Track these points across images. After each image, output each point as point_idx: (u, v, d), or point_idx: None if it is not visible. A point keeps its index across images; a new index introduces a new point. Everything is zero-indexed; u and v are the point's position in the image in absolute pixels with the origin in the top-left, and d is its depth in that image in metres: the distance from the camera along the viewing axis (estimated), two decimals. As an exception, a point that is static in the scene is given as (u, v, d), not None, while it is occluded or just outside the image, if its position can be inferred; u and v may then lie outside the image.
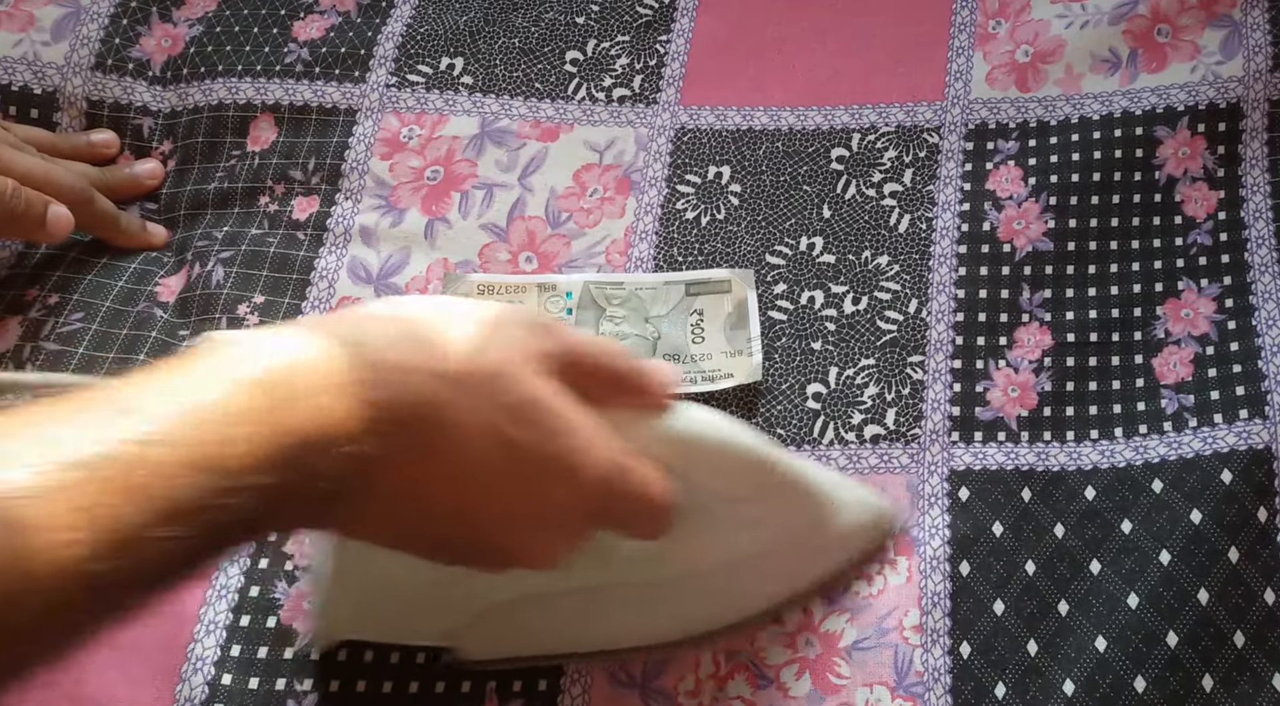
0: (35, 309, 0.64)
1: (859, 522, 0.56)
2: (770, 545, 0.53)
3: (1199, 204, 0.64)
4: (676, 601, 0.53)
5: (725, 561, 0.53)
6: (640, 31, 0.72)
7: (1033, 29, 0.70)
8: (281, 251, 0.65)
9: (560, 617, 0.53)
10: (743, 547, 0.52)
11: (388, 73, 0.70)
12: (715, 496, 0.50)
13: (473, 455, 0.41)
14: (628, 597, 0.53)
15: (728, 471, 0.50)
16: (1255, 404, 0.57)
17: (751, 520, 0.52)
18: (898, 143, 0.68)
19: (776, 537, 0.53)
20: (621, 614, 0.53)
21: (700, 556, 0.52)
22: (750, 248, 0.65)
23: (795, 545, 0.54)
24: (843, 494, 0.55)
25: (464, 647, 0.53)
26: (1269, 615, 0.53)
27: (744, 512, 0.51)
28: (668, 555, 0.50)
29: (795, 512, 0.53)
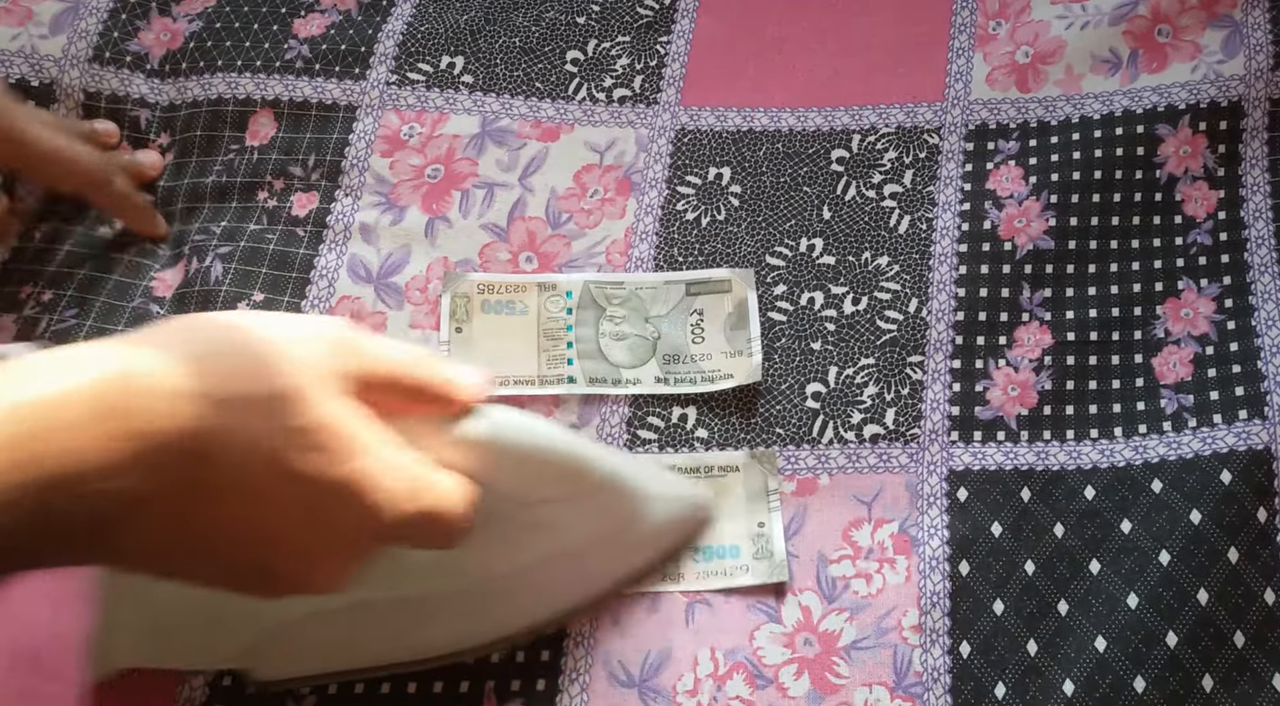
0: (30, 306, 0.64)
1: (671, 517, 0.55)
2: (578, 544, 0.52)
3: (1199, 203, 0.64)
4: (476, 607, 0.53)
5: (526, 564, 0.52)
6: (641, 32, 0.72)
7: (1033, 30, 0.70)
8: (281, 248, 0.65)
9: (355, 632, 0.52)
10: (544, 550, 0.52)
11: (388, 70, 0.70)
12: (516, 501, 0.49)
13: (249, 484, 0.39)
14: (423, 607, 0.52)
15: (532, 474, 0.49)
16: (1255, 404, 0.57)
17: (555, 522, 0.51)
18: (898, 144, 0.68)
19: (582, 537, 0.52)
20: (418, 623, 0.52)
21: (499, 561, 0.51)
22: (750, 249, 0.65)
23: (606, 543, 0.53)
24: (655, 489, 0.55)
25: (256, 668, 0.52)
26: (1269, 615, 0.53)
27: (546, 514, 0.51)
28: (463, 562, 0.48)
29: (605, 511, 0.52)
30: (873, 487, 0.58)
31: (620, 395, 0.61)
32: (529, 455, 0.48)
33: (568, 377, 0.61)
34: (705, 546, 0.57)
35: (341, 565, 0.43)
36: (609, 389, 0.61)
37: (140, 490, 0.36)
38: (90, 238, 0.67)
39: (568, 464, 0.50)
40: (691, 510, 0.56)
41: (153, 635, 0.51)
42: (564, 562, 0.53)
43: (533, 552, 0.52)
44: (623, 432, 0.60)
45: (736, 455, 0.59)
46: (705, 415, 0.61)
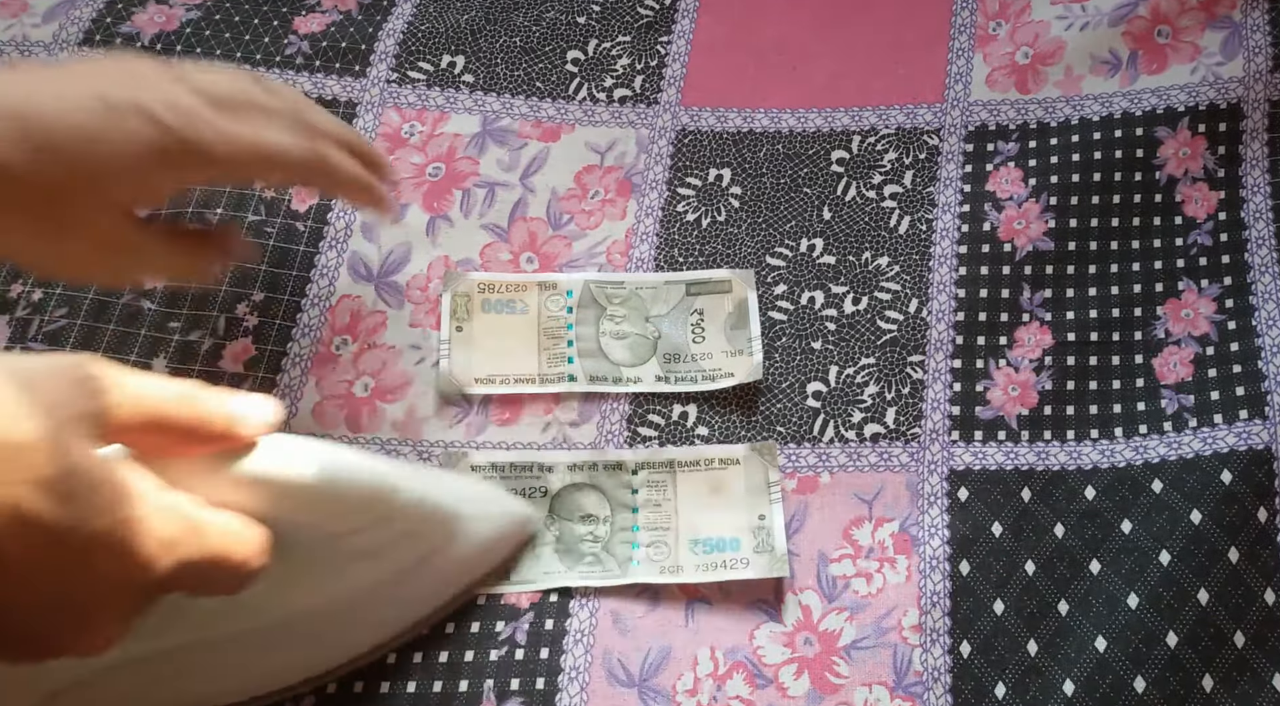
0: (21, 306, 0.63)
1: (490, 535, 0.55)
2: (396, 570, 0.51)
3: (1199, 204, 0.64)
4: (282, 646, 0.50)
5: (334, 597, 0.50)
6: (641, 32, 0.72)
7: (1033, 30, 0.70)
8: (281, 245, 0.65)
9: (150, 683, 0.49)
10: (358, 580, 0.50)
11: (388, 68, 0.70)
12: (319, 532, 0.47)
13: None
14: (225, 650, 0.49)
15: (328, 506, 0.46)
16: (1255, 404, 0.57)
17: (363, 552, 0.49)
18: (898, 145, 0.68)
19: (401, 562, 0.51)
20: (219, 668, 0.50)
21: (310, 595, 0.49)
22: (751, 249, 0.65)
23: (419, 570, 0.52)
24: (476, 507, 0.54)
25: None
26: (1269, 615, 0.53)
27: (355, 544, 0.49)
28: (266, 601, 0.46)
29: (415, 538, 0.51)
30: (873, 486, 0.58)
31: (621, 393, 0.61)
32: (323, 485, 0.45)
33: (568, 376, 0.61)
34: (705, 539, 0.57)
35: (114, 621, 0.39)
36: (609, 387, 0.61)
37: None
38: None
39: (366, 492, 0.47)
40: (515, 526, 0.56)
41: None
42: (385, 590, 0.51)
43: (347, 584, 0.50)
44: (623, 430, 0.60)
45: (736, 448, 0.59)
46: (706, 413, 0.61)
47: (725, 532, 0.57)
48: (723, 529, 0.57)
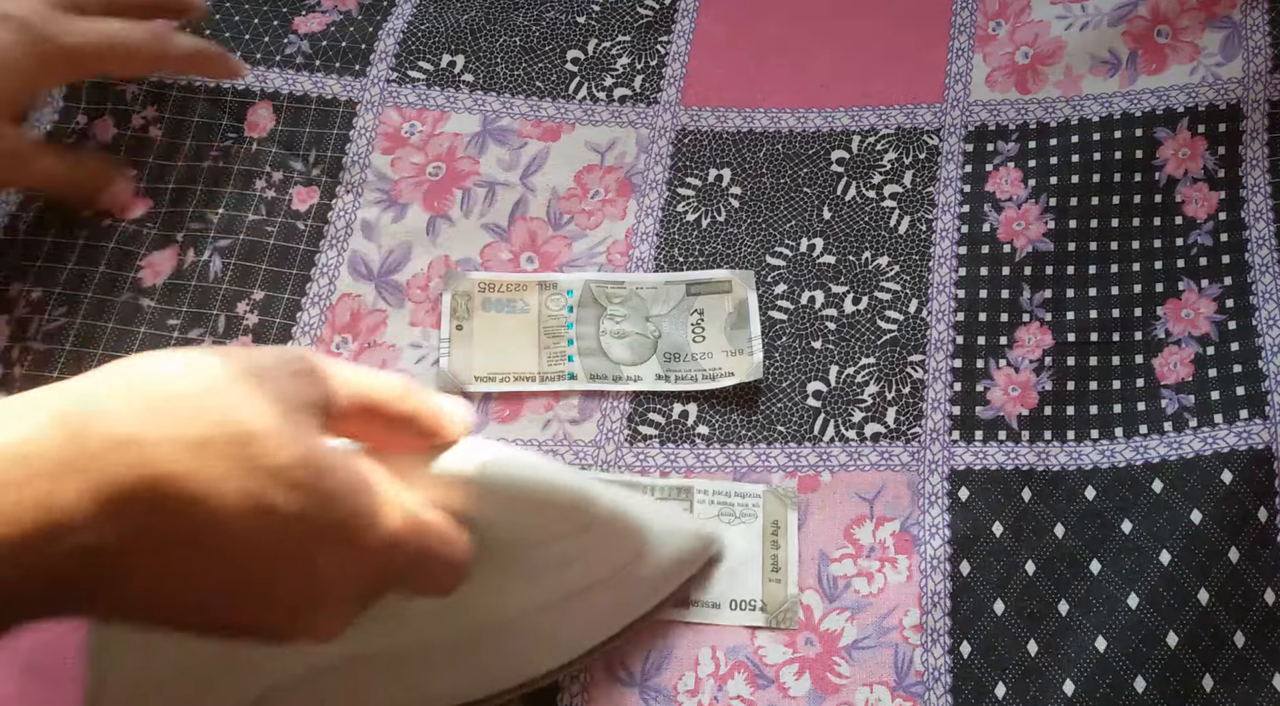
0: (21, 306, 0.63)
1: (676, 555, 0.54)
2: (586, 583, 0.51)
3: (1199, 204, 0.64)
4: (485, 654, 0.50)
5: (533, 607, 0.50)
6: (641, 31, 0.72)
7: (1033, 30, 0.70)
8: (281, 244, 0.65)
9: (367, 683, 0.49)
10: (554, 589, 0.50)
11: (388, 68, 0.70)
12: (518, 539, 0.47)
13: (230, 530, 0.36)
14: (427, 655, 0.49)
15: (532, 511, 0.47)
16: (1255, 404, 0.57)
17: (556, 563, 0.49)
18: (897, 145, 0.68)
19: (592, 576, 0.51)
20: (422, 673, 0.50)
21: (502, 606, 0.49)
22: (751, 249, 0.65)
23: (613, 583, 0.52)
24: (662, 525, 0.53)
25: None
26: (1269, 615, 0.53)
27: (553, 553, 0.49)
28: (468, 607, 0.46)
29: (612, 548, 0.51)
30: (874, 485, 0.58)
31: (621, 391, 0.61)
32: (525, 492, 0.46)
33: (568, 374, 0.61)
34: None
35: (335, 611, 0.40)
36: (609, 385, 0.61)
37: (110, 543, 0.34)
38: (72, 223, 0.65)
39: (566, 499, 0.48)
40: (701, 545, 0.55)
41: (153, 690, 0.48)
42: (574, 603, 0.51)
43: (542, 593, 0.50)
44: (623, 428, 0.60)
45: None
46: (706, 412, 0.61)
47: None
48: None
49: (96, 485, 0.34)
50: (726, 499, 0.58)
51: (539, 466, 0.47)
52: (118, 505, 0.34)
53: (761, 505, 0.58)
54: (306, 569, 0.38)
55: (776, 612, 0.55)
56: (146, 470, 0.34)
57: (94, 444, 0.34)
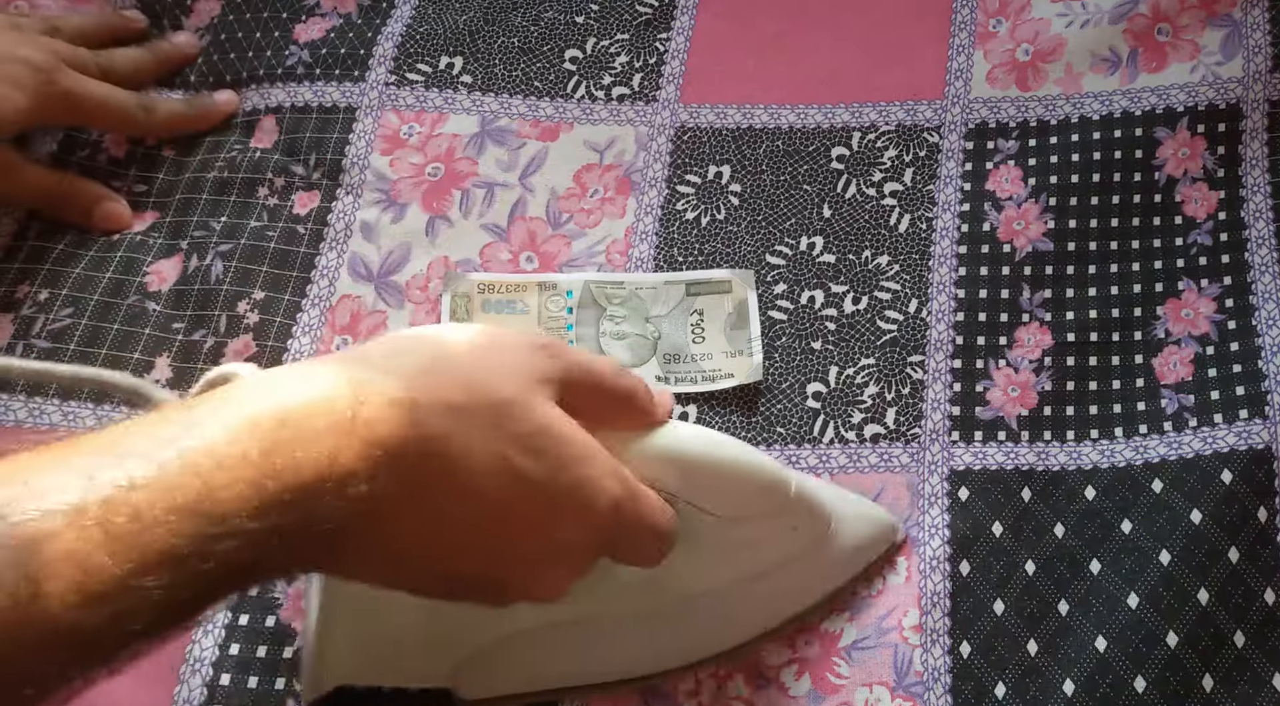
0: (27, 305, 0.64)
1: (862, 538, 0.55)
2: (771, 566, 0.52)
3: (1199, 204, 0.64)
4: (674, 627, 0.52)
5: (723, 584, 0.52)
6: (640, 29, 0.72)
7: (1033, 28, 0.70)
8: (282, 247, 0.65)
9: (557, 651, 0.52)
10: (741, 569, 0.51)
11: (386, 71, 0.70)
12: (712, 518, 0.49)
13: (482, 489, 0.40)
14: (623, 627, 0.52)
15: (726, 492, 0.49)
16: (1255, 404, 0.57)
17: (750, 541, 0.51)
18: (898, 142, 0.68)
19: (781, 556, 0.52)
20: (617, 644, 0.52)
21: (696, 580, 0.51)
22: (750, 247, 0.65)
23: (798, 565, 0.53)
24: (845, 509, 0.54)
25: (461, 688, 0.52)
26: (1269, 615, 0.53)
27: (742, 533, 0.50)
28: (663, 580, 0.49)
29: (800, 530, 0.52)
30: (874, 487, 0.58)
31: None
32: (725, 471, 0.48)
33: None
34: None
35: (562, 571, 0.44)
36: (609, 387, 0.61)
37: (381, 495, 0.37)
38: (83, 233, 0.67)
39: (762, 480, 0.50)
40: (882, 531, 0.56)
41: (368, 652, 0.51)
42: (761, 583, 0.52)
43: (731, 571, 0.51)
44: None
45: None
46: (706, 413, 0.61)
47: None
48: None
49: (376, 440, 0.37)
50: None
51: (739, 448, 0.49)
52: (394, 462, 0.37)
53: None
54: (544, 528, 0.42)
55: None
56: (416, 430, 0.38)
57: (376, 404, 0.37)
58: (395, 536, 0.39)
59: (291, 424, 0.36)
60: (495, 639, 0.51)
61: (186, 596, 0.34)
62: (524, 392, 0.41)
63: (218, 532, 0.33)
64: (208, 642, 0.55)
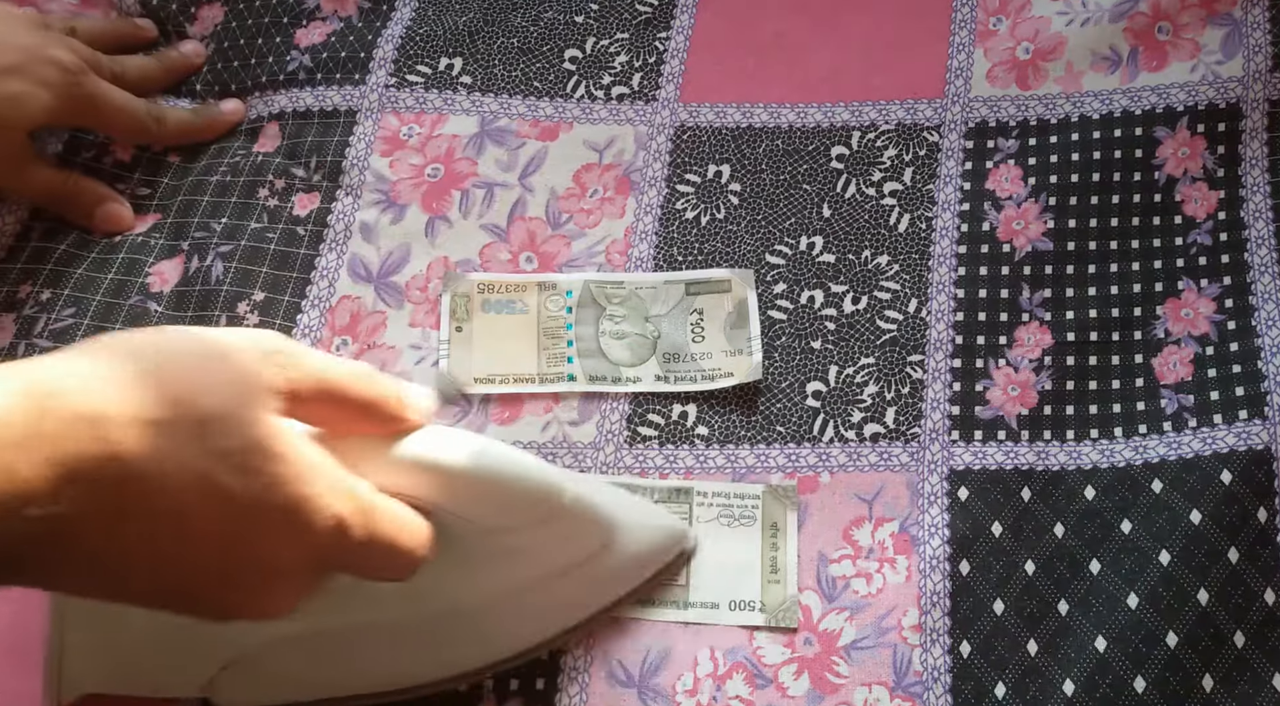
0: (29, 305, 0.64)
1: (645, 547, 0.54)
2: (549, 573, 0.51)
3: (1199, 204, 0.64)
4: (441, 638, 0.51)
5: (493, 593, 0.50)
6: (640, 29, 0.72)
7: (1033, 26, 0.69)
8: (282, 248, 0.65)
9: (322, 660, 0.50)
10: (510, 579, 0.50)
11: (387, 74, 0.70)
12: (474, 527, 0.47)
13: (181, 508, 0.37)
14: (389, 636, 0.50)
15: (492, 500, 0.47)
16: (1255, 404, 0.57)
17: (518, 550, 0.49)
18: (898, 141, 0.68)
19: (552, 566, 0.51)
20: (384, 653, 0.51)
21: (462, 590, 0.50)
22: (750, 247, 0.65)
23: (576, 573, 0.52)
24: (630, 517, 0.53)
25: (219, 698, 0.50)
26: (1269, 615, 0.53)
27: (509, 542, 0.49)
28: (423, 590, 0.46)
29: (573, 540, 0.51)
30: (874, 486, 0.58)
31: (620, 393, 0.61)
32: (487, 478, 0.46)
33: (568, 376, 0.61)
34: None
35: (286, 592, 0.42)
36: (609, 387, 0.61)
37: (66, 515, 0.35)
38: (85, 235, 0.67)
39: (528, 488, 0.48)
40: (671, 539, 0.55)
41: (114, 659, 0.49)
42: (536, 592, 0.51)
43: (502, 581, 0.50)
44: (623, 429, 0.60)
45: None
46: (705, 413, 0.61)
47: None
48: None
49: (59, 457, 0.35)
50: (726, 500, 0.58)
51: (502, 455, 0.47)
52: (77, 478, 0.35)
53: (760, 506, 0.58)
54: (252, 547, 0.39)
55: (775, 613, 0.55)
56: (106, 446, 0.36)
57: (59, 417, 0.35)
58: (93, 554, 0.37)
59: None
60: (250, 648, 0.49)
61: None
62: (237, 406, 0.39)
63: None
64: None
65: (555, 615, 0.53)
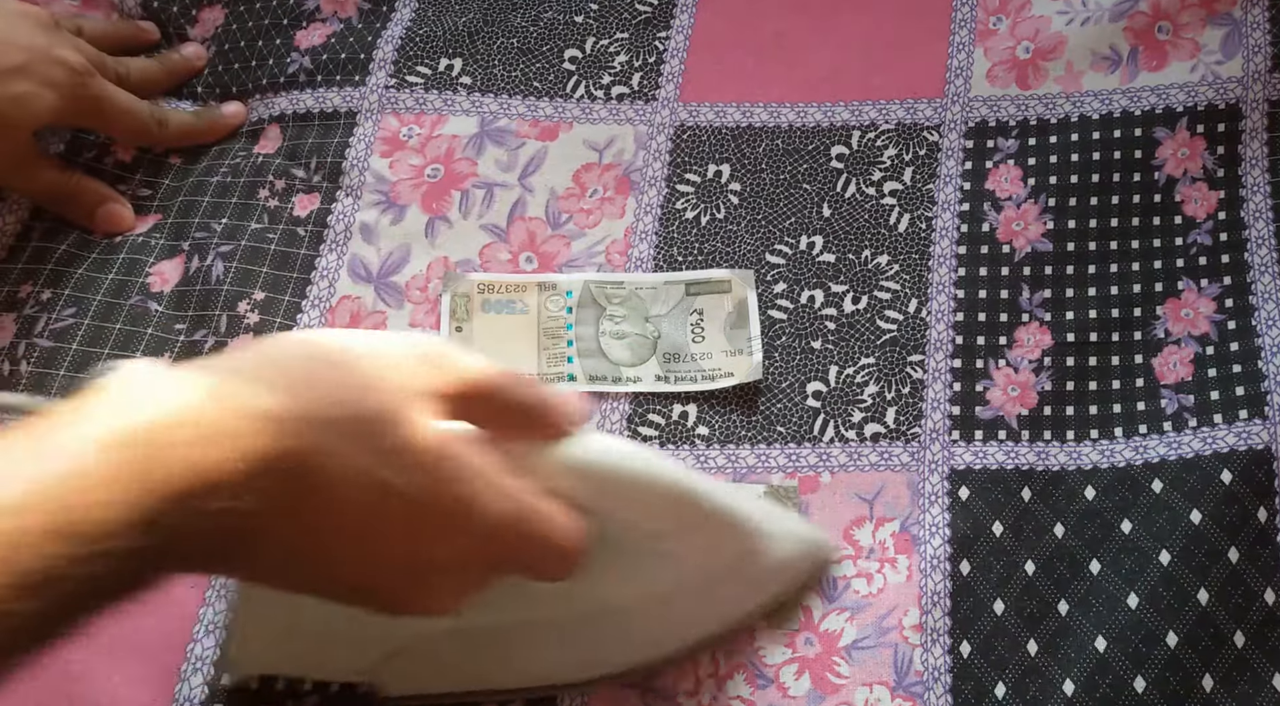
0: (29, 305, 0.64)
1: (791, 556, 0.54)
2: (692, 579, 0.51)
3: (1199, 204, 0.64)
4: (593, 637, 0.52)
5: (643, 596, 0.51)
6: (639, 28, 0.72)
7: (1033, 25, 0.69)
8: (282, 249, 0.65)
9: (477, 654, 0.51)
10: (662, 582, 0.51)
11: (387, 75, 0.70)
12: (629, 530, 0.49)
13: (351, 505, 0.39)
14: (543, 634, 0.51)
15: (644, 504, 0.48)
16: (1255, 404, 0.57)
17: (670, 554, 0.50)
18: (898, 140, 0.68)
19: (699, 572, 0.51)
20: (537, 651, 0.52)
21: (614, 591, 0.50)
22: (750, 247, 0.65)
23: (721, 579, 0.52)
24: (773, 526, 0.54)
25: (380, 683, 0.52)
26: (1269, 615, 0.53)
27: (662, 547, 0.50)
28: (578, 591, 0.48)
29: (720, 546, 0.51)
30: (874, 485, 0.58)
31: (621, 393, 0.61)
32: (640, 484, 0.48)
33: (568, 376, 0.61)
34: None
35: (451, 589, 0.43)
36: (609, 387, 0.61)
37: (250, 509, 0.37)
38: (86, 235, 0.67)
39: (677, 494, 0.49)
40: (812, 550, 0.55)
41: (285, 644, 0.51)
42: (679, 598, 0.52)
43: (649, 584, 0.51)
44: (623, 430, 0.60)
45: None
46: (706, 413, 0.61)
47: None
48: None
49: (241, 454, 0.36)
50: None
51: (654, 462, 0.49)
52: (264, 476, 0.37)
53: None
54: (416, 545, 0.41)
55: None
56: (284, 443, 0.37)
57: (242, 416, 0.37)
58: (270, 548, 0.38)
59: (157, 440, 0.35)
60: (415, 637, 0.51)
61: (58, 616, 0.34)
62: (400, 407, 0.40)
63: (87, 553, 0.33)
64: (209, 642, 0.55)
65: (696, 622, 0.53)
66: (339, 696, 0.54)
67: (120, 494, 0.34)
